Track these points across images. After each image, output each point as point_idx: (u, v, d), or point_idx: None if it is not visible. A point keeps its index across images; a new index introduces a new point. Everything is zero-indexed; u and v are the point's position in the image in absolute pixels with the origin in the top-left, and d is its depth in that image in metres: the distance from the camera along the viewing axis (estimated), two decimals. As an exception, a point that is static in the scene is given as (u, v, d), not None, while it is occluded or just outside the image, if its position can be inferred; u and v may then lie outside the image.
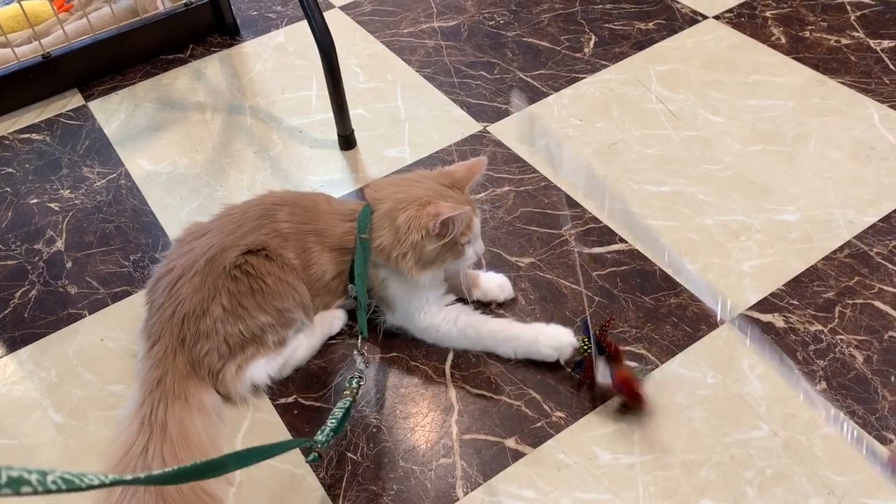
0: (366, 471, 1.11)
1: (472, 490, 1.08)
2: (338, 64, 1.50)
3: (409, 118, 1.70)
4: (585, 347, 1.16)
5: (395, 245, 1.13)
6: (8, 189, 1.60)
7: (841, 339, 1.22)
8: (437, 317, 1.22)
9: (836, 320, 1.25)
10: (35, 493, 0.51)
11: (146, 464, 1.05)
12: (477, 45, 1.88)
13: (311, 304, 1.22)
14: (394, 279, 1.20)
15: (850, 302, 1.27)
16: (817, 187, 1.47)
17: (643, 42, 1.84)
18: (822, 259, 1.34)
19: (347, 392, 1.09)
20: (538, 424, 1.14)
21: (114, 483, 0.60)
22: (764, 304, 1.28)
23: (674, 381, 1.18)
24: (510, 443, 1.13)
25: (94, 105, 1.80)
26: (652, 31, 1.87)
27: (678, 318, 1.27)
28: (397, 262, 1.14)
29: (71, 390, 1.23)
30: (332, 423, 1.02)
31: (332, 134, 1.64)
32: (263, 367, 1.18)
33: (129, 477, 0.63)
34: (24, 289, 1.40)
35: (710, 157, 1.54)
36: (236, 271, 1.14)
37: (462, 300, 1.28)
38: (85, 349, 1.29)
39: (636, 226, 1.40)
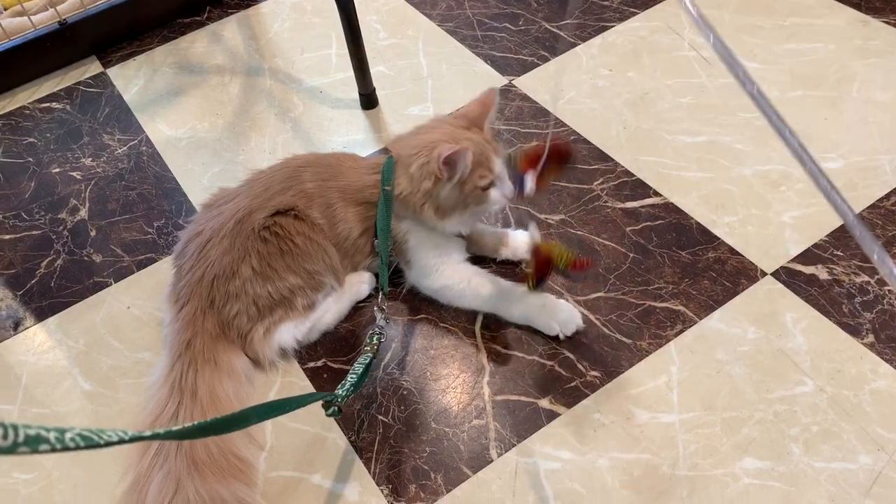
0: (397, 433, 1.09)
1: (506, 451, 1.05)
2: (357, 21, 1.46)
3: (432, 74, 1.65)
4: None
5: (413, 195, 1.11)
6: (30, 159, 1.59)
7: (889, 290, 1.17)
8: (452, 277, 1.19)
9: (884, 271, 1.19)
10: (53, 450, 0.51)
11: (177, 430, 1.04)
12: (500, -4, 1.81)
13: (341, 267, 1.19)
14: (415, 233, 1.17)
15: (899, 251, 1.22)
16: (861, 133, 1.40)
17: (674, -13, 1.76)
18: (868, 207, 1.28)
19: (368, 348, 1.07)
20: (573, 384, 1.11)
21: (133, 439, 0.59)
22: (807, 256, 1.22)
23: (713, 337, 1.14)
24: (544, 403, 1.10)
25: (112, 72, 1.77)
26: (683, -25, 1.79)
27: (717, 272, 1.22)
28: (418, 212, 1.12)
29: (99, 358, 1.23)
30: (352, 378, 1.00)
31: (353, 93, 1.60)
32: (291, 331, 1.16)
33: (148, 433, 0.62)
34: (49, 258, 1.39)
35: (747, 105, 1.48)
36: (265, 232, 1.12)
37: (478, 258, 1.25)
38: (112, 317, 1.28)
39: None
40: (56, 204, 1.49)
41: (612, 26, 1.69)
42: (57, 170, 1.56)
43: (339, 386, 0.99)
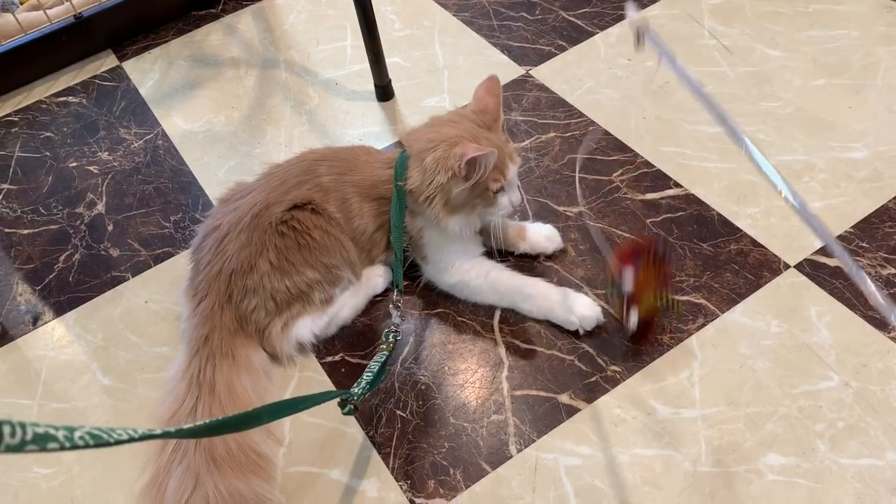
0: (416, 428, 1.08)
1: (525, 447, 1.04)
2: (372, 11, 1.44)
3: (448, 65, 1.63)
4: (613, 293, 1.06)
5: (423, 187, 1.09)
6: (48, 153, 1.59)
7: (916, 283, 1.15)
8: (469, 273, 1.18)
9: (911, 263, 1.17)
10: (62, 449, 0.50)
11: (195, 425, 1.04)
12: (516, -15, 1.79)
13: (358, 261, 1.19)
14: (430, 229, 1.16)
15: (926, 243, 1.19)
16: (887, 121, 1.37)
17: (693, -26, 1.73)
18: (894, 198, 1.26)
19: (384, 346, 1.07)
20: (592, 379, 1.10)
21: (143, 437, 0.58)
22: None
23: (735, 331, 1.12)
24: (564, 398, 1.09)
25: (128, 65, 1.77)
26: (703, -39, 1.76)
27: (739, 264, 1.20)
28: (425, 205, 1.10)
29: (117, 353, 1.23)
30: (367, 376, 1.00)
31: (369, 85, 1.59)
32: (309, 326, 1.16)
33: (158, 431, 0.61)
34: (67, 253, 1.39)
35: (770, 94, 1.45)
36: (282, 227, 1.11)
37: (492, 252, 1.24)
38: (129, 312, 1.28)
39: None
40: (73, 198, 1.49)
41: (631, 15, 1.66)
42: (74, 164, 1.56)
43: (355, 384, 0.98)
